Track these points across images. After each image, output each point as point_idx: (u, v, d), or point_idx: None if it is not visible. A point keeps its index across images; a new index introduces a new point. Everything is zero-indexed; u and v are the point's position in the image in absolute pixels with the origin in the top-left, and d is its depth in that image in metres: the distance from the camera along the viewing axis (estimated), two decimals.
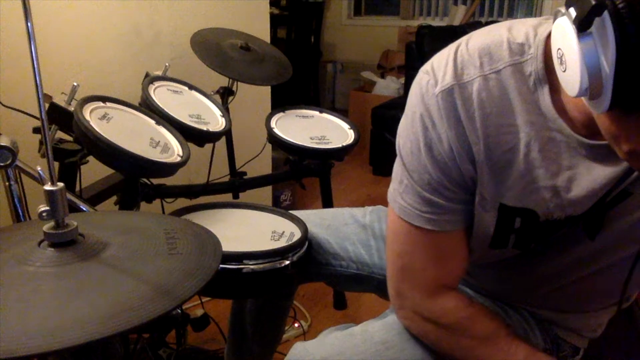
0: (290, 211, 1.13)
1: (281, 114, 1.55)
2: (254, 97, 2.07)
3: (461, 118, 0.64)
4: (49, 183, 0.55)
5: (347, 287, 1.12)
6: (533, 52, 0.62)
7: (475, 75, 0.64)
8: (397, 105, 3.33)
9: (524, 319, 0.83)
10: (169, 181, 1.23)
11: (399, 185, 0.72)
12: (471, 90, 0.64)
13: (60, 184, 0.55)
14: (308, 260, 1.03)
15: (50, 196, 0.54)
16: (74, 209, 0.99)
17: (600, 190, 0.63)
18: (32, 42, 0.49)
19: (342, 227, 1.06)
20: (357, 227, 1.05)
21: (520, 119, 0.63)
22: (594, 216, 0.67)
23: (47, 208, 0.55)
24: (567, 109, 0.62)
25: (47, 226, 0.56)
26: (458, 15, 3.97)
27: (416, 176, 0.69)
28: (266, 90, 2.20)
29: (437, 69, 0.66)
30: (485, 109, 0.64)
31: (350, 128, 1.56)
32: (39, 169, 0.60)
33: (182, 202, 1.26)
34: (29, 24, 0.48)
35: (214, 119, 1.35)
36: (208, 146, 1.34)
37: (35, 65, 0.50)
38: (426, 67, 0.68)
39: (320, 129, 1.53)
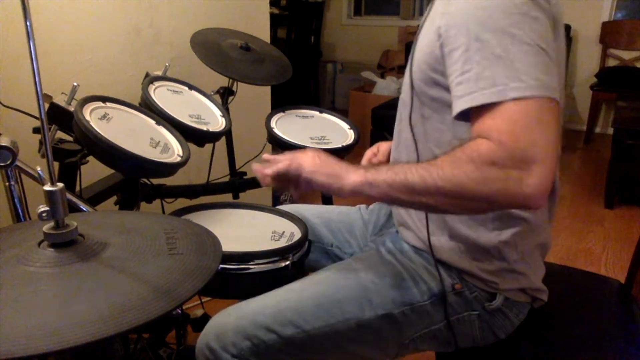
0: (291, 205, 1.15)
1: (281, 114, 1.55)
2: (254, 97, 2.07)
3: None
4: (49, 183, 0.54)
5: None
6: None
7: None
8: (397, 105, 3.31)
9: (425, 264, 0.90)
10: (169, 181, 1.22)
11: None
12: None
13: (60, 184, 0.55)
14: (316, 243, 1.10)
15: (50, 196, 0.54)
16: (74, 209, 0.99)
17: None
18: (31, 41, 0.49)
19: (351, 213, 1.16)
20: (361, 213, 1.15)
21: None
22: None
23: (47, 208, 0.55)
24: None
25: (47, 226, 0.56)
26: None
27: None
28: (266, 90, 2.20)
29: None
30: None
31: (350, 128, 1.55)
32: (38, 169, 0.60)
33: (182, 202, 1.26)
34: (28, 23, 0.48)
35: (214, 119, 1.35)
36: (208, 146, 1.34)
37: (35, 64, 0.50)
38: None
39: (320, 129, 1.53)
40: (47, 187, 0.54)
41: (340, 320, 0.84)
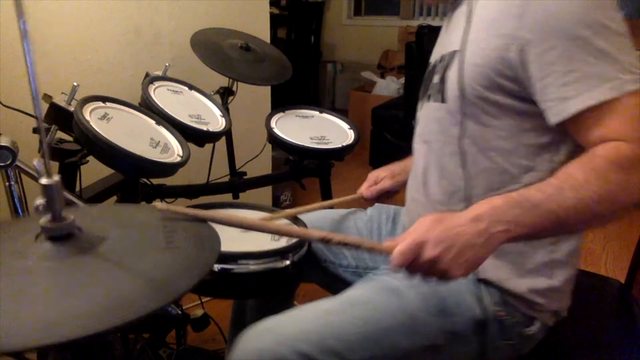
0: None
1: (281, 114, 1.55)
2: (254, 97, 2.07)
3: None
4: (44, 177, 0.54)
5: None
6: None
7: None
8: (397, 105, 3.32)
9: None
10: (169, 181, 1.23)
11: None
12: None
13: (56, 177, 0.54)
14: (310, 258, 1.04)
15: (46, 190, 0.54)
16: None
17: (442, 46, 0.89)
18: (25, 40, 0.49)
19: (345, 219, 1.12)
20: (360, 219, 1.12)
21: None
22: (428, 79, 0.89)
23: (43, 201, 0.54)
24: None
25: (44, 220, 0.55)
26: None
27: None
28: (266, 90, 2.20)
29: None
30: None
31: (350, 128, 1.55)
32: (35, 161, 0.59)
33: (182, 202, 1.26)
34: (21, 22, 0.48)
35: (214, 119, 1.35)
36: (208, 146, 1.34)
37: (29, 62, 0.50)
38: None
39: (320, 129, 1.52)
40: (43, 181, 0.54)
41: (387, 353, 0.79)
